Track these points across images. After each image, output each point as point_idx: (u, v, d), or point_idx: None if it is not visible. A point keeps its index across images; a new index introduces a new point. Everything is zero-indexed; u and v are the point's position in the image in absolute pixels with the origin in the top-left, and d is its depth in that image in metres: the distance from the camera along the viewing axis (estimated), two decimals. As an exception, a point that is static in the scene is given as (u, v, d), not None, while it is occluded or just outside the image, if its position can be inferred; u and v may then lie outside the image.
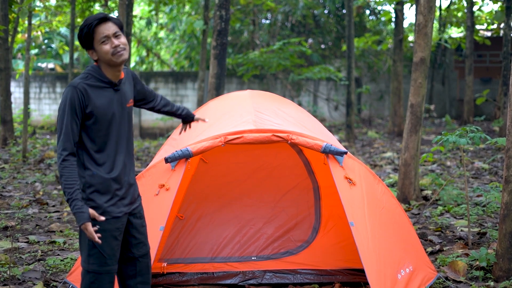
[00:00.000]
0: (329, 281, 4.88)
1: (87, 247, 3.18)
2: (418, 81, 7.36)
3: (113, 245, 3.20)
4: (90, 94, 3.11)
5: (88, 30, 3.11)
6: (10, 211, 7.32)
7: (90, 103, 3.10)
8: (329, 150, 4.16)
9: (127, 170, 3.28)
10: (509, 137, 4.65)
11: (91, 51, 3.17)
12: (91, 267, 3.18)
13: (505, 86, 14.30)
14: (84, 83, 3.12)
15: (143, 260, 3.39)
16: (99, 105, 3.13)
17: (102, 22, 3.13)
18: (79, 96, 3.08)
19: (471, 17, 16.89)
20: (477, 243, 5.78)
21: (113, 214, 3.19)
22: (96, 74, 3.17)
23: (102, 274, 3.19)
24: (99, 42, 3.13)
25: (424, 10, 7.29)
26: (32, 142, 14.95)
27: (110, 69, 3.19)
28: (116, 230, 3.21)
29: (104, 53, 3.13)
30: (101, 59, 3.17)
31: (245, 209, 5.25)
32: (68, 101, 3.08)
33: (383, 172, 10.41)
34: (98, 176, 3.15)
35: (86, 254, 3.19)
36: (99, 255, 3.17)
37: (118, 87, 3.23)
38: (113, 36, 3.14)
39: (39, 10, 15.15)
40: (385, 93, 22.10)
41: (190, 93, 19.16)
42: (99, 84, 3.17)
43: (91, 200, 3.14)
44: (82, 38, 3.15)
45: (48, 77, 20.73)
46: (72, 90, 3.09)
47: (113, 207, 3.18)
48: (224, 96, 5.47)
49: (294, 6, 19.90)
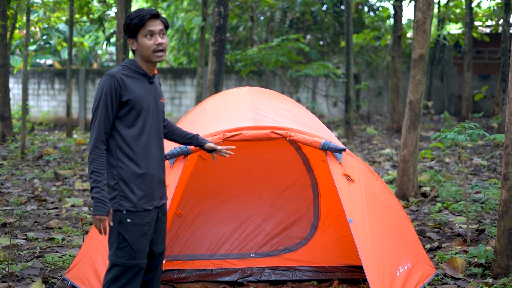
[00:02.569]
0: (328, 278, 4.89)
1: (117, 240, 3.17)
2: (416, 77, 7.36)
3: (142, 239, 3.20)
4: (126, 83, 3.16)
5: (139, 21, 3.17)
6: (8, 207, 7.32)
7: (126, 91, 3.15)
8: (327, 147, 4.16)
9: (159, 166, 3.29)
10: (508, 134, 4.65)
11: (132, 40, 3.23)
12: (120, 260, 3.17)
13: (503, 82, 14.30)
14: (121, 73, 3.17)
15: (160, 257, 3.41)
16: (136, 93, 3.17)
17: (153, 17, 3.20)
18: (115, 84, 3.13)
19: (469, 13, 16.87)
20: (475, 240, 5.79)
21: (145, 206, 3.20)
22: (132, 66, 3.24)
23: (131, 267, 3.18)
24: (144, 36, 3.19)
25: (423, 6, 7.28)
26: (31, 138, 14.95)
27: (145, 64, 3.26)
28: (146, 224, 3.21)
29: (145, 47, 3.20)
30: (139, 52, 3.23)
31: (244, 206, 5.25)
32: (105, 89, 3.13)
33: (382, 168, 10.42)
34: (130, 170, 3.16)
35: (115, 247, 3.18)
36: (129, 248, 3.16)
37: (152, 80, 3.30)
38: (159, 34, 3.21)
39: (37, 6, 15.10)
40: (384, 90, 22.10)
41: (189, 89, 19.14)
42: (136, 75, 3.23)
43: (122, 192, 3.15)
44: (130, 27, 3.20)
45: (47, 73, 20.71)
46: (109, 79, 3.14)
47: (144, 200, 3.19)
48: (222, 92, 5.46)
49: (292, 3, 19.86)
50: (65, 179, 9.48)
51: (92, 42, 26.55)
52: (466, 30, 17.14)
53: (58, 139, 15.60)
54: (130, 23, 3.19)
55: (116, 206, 3.16)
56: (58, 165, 10.85)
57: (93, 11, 17.15)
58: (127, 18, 3.22)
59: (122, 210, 3.16)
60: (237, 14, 19.97)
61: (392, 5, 17.45)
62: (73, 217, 6.94)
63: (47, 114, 19.51)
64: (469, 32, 17.02)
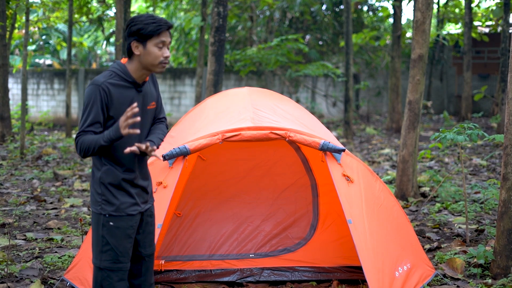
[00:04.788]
0: (327, 279, 4.89)
1: (100, 243, 3.16)
2: (416, 78, 7.36)
3: (126, 242, 3.18)
4: (113, 94, 3.07)
5: (156, 30, 3.05)
6: (7, 208, 7.31)
7: (112, 104, 3.07)
8: (327, 148, 4.16)
9: (141, 172, 3.26)
10: (507, 134, 4.65)
11: (138, 44, 3.09)
12: (103, 263, 3.16)
13: (503, 82, 14.31)
14: (107, 82, 3.07)
15: (149, 260, 3.39)
16: (120, 107, 3.08)
17: (168, 28, 3.10)
18: (101, 95, 3.04)
19: (469, 13, 16.88)
20: (475, 240, 5.79)
21: (128, 211, 3.18)
22: (121, 73, 3.12)
23: (115, 271, 3.16)
24: (156, 45, 3.08)
25: (422, 6, 7.28)
26: (30, 138, 14.94)
27: (141, 71, 3.15)
28: (130, 228, 3.20)
29: (154, 57, 3.08)
30: (142, 58, 3.11)
31: (243, 206, 5.25)
32: (92, 100, 3.04)
33: (381, 168, 10.41)
34: (114, 174, 3.14)
35: (98, 251, 3.17)
36: (112, 252, 3.15)
37: (141, 88, 3.20)
38: (167, 46, 3.13)
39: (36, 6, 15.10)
40: (383, 90, 22.10)
41: (188, 89, 19.13)
42: (123, 84, 3.12)
43: (105, 196, 3.14)
44: (143, 31, 3.05)
45: (46, 74, 20.69)
46: (95, 89, 3.04)
47: (128, 204, 3.18)
48: (222, 93, 5.46)
49: (291, 2, 19.86)
50: (64, 179, 9.48)
51: (91, 42, 26.55)
52: (465, 30, 17.15)
53: (58, 139, 15.59)
54: (144, 28, 3.04)
55: (99, 210, 3.15)
56: (57, 165, 10.85)
57: (92, 11, 17.15)
58: (138, 21, 3.07)
59: (105, 214, 3.15)
60: (236, 14, 19.97)
61: (391, 5, 17.45)
62: (72, 218, 6.93)
63: (46, 114, 19.50)
64: (469, 32, 17.03)
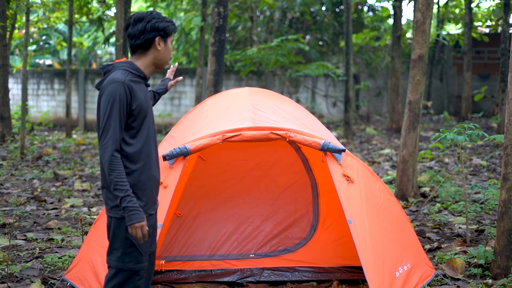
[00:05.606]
0: (327, 279, 4.89)
1: (124, 245, 3.13)
2: (416, 78, 7.36)
3: (147, 242, 3.20)
4: (134, 89, 3.10)
5: (174, 27, 3.24)
6: (8, 208, 7.32)
7: (134, 99, 3.09)
8: (327, 148, 4.16)
9: (157, 167, 3.29)
10: (507, 134, 4.65)
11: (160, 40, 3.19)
12: (127, 265, 3.14)
13: (503, 82, 14.30)
14: (128, 79, 3.09)
15: (151, 258, 3.40)
16: (141, 100, 3.13)
17: None
18: (126, 92, 3.05)
19: (469, 13, 16.88)
20: (475, 241, 5.79)
21: (149, 211, 3.20)
22: (133, 70, 3.16)
23: (138, 270, 3.17)
24: (171, 42, 3.25)
25: (422, 7, 7.28)
26: (30, 138, 14.94)
27: (151, 67, 3.24)
28: (150, 227, 3.22)
29: (169, 53, 3.24)
30: (158, 55, 3.22)
31: (243, 206, 5.25)
32: (117, 97, 3.02)
33: (381, 169, 10.41)
34: (136, 175, 3.12)
35: (121, 253, 3.13)
36: (136, 253, 3.14)
37: (147, 82, 3.27)
38: None
39: (37, 6, 15.10)
40: (383, 90, 22.10)
41: (188, 89, 19.12)
42: (137, 79, 3.17)
43: None
44: (168, 29, 3.21)
45: (46, 74, 20.69)
46: (120, 86, 3.04)
47: (148, 205, 3.19)
48: (222, 93, 5.46)
49: (291, 3, 19.86)
50: (64, 179, 9.48)
51: (91, 42, 26.54)
52: (465, 30, 17.15)
53: (58, 139, 15.59)
54: (168, 26, 3.20)
55: (121, 213, 3.09)
56: (58, 166, 10.85)
57: (92, 11, 17.14)
58: (161, 18, 3.19)
59: None
60: (237, 14, 19.97)
61: (391, 5, 17.45)
62: (72, 218, 6.93)
63: (46, 114, 19.50)
64: (469, 32, 17.03)
